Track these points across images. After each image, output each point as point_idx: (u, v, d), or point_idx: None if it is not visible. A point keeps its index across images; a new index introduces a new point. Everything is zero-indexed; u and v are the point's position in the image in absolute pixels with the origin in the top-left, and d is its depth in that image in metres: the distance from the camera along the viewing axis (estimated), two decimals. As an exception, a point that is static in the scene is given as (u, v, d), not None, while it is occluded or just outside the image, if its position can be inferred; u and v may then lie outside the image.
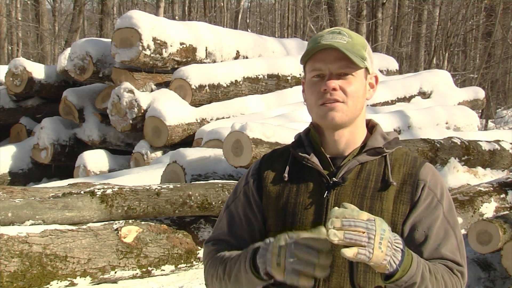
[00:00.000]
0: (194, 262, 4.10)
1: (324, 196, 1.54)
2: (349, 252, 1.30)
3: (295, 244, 1.36)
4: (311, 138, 1.63)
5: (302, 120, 6.23)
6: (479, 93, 10.04)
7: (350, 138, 1.58)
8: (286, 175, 1.58)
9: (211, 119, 7.17)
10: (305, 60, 1.57)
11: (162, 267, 3.92)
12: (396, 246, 1.35)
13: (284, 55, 8.89)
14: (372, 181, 1.54)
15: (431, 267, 1.44)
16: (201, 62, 7.59)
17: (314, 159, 1.57)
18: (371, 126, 1.66)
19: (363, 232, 1.30)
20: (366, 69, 1.57)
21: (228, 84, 7.45)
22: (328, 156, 1.58)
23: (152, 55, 6.89)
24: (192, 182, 4.60)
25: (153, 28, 6.92)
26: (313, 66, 1.54)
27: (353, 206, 1.35)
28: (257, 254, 1.44)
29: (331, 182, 1.54)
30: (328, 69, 1.52)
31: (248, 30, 21.55)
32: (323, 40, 1.52)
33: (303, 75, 1.62)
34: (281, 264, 1.36)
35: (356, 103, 1.54)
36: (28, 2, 22.43)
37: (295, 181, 1.58)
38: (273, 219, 1.58)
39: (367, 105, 1.88)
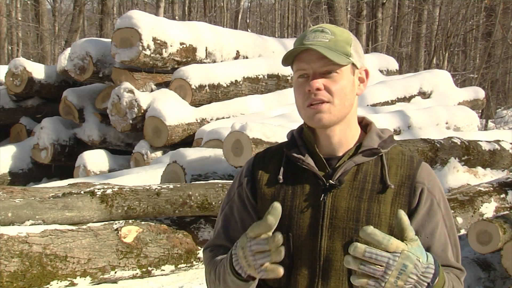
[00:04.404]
0: (194, 262, 4.10)
1: (321, 199, 1.51)
2: (358, 282, 1.29)
3: (249, 242, 1.37)
4: (305, 137, 1.60)
5: (302, 120, 6.22)
6: (479, 93, 10.05)
7: (343, 136, 1.55)
8: (281, 177, 1.55)
9: (211, 119, 7.17)
10: (289, 62, 1.55)
11: (162, 267, 3.92)
12: (423, 280, 1.31)
13: (284, 55, 8.88)
14: (369, 183, 1.52)
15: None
16: (201, 62, 7.59)
17: (309, 160, 1.54)
18: (364, 124, 1.62)
19: (381, 266, 1.27)
20: (353, 65, 1.53)
21: (228, 84, 7.45)
22: (322, 156, 1.55)
23: (152, 55, 6.89)
24: (192, 182, 4.60)
25: (153, 28, 6.92)
26: (297, 67, 1.52)
27: (383, 234, 1.29)
28: (233, 260, 1.43)
29: (328, 184, 1.51)
30: (311, 68, 1.49)
31: (248, 30, 21.54)
32: (306, 40, 1.50)
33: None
34: (251, 264, 1.37)
35: (343, 101, 1.51)
36: (28, 2, 22.42)
37: (290, 183, 1.55)
38: None
39: (368, 105, 1.87)
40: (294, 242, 1.51)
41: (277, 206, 1.36)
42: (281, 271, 1.35)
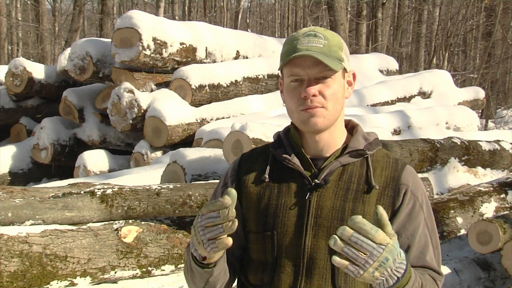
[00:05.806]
0: (194, 262, 4.09)
1: (306, 198, 1.52)
2: (338, 262, 1.29)
3: (200, 217, 1.37)
4: (291, 138, 1.61)
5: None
6: (479, 93, 10.06)
7: (330, 139, 1.57)
8: (266, 176, 1.57)
9: (211, 119, 7.17)
10: (282, 66, 1.55)
11: (162, 267, 3.92)
12: (394, 274, 1.32)
13: (284, 55, 8.88)
14: (354, 183, 1.53)
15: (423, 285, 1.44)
16: (201, 62, 7.59)
17: (295, 160, 1.55)
18: (351, 127, 1.64)
19: (365, 254, 1.28)
20: (344, 69, 1.55)
21: (228, 84, 7.45)
22: (308, 157, 1.56)
23: (152, 55, 6.89)
24: (192, 182, 4.60)
25: (153, 28, 6.92)
26: (291, 71, 1.52)
27: (371, 225, 1.29)
28: (191, 245, 1.45)
29: (313, 183, 1.53)
30: (306, 74, 1.50)
31: (248, 30, 21.55)
32: (299, 44, 1.50)
33: (281, 76, 1.60)
34: (200, 241, 1.37)
35: (336, 106, 1.53)
36: (28, 2, 22.42)
37: (276, 182, 1.56)
38: (253, 221, 1.56)
39: (368, 105, 1.88)
40: (279, 240, 1.52)
41: (233, 190, 1.36)
42: (230, 240, 1.35)
